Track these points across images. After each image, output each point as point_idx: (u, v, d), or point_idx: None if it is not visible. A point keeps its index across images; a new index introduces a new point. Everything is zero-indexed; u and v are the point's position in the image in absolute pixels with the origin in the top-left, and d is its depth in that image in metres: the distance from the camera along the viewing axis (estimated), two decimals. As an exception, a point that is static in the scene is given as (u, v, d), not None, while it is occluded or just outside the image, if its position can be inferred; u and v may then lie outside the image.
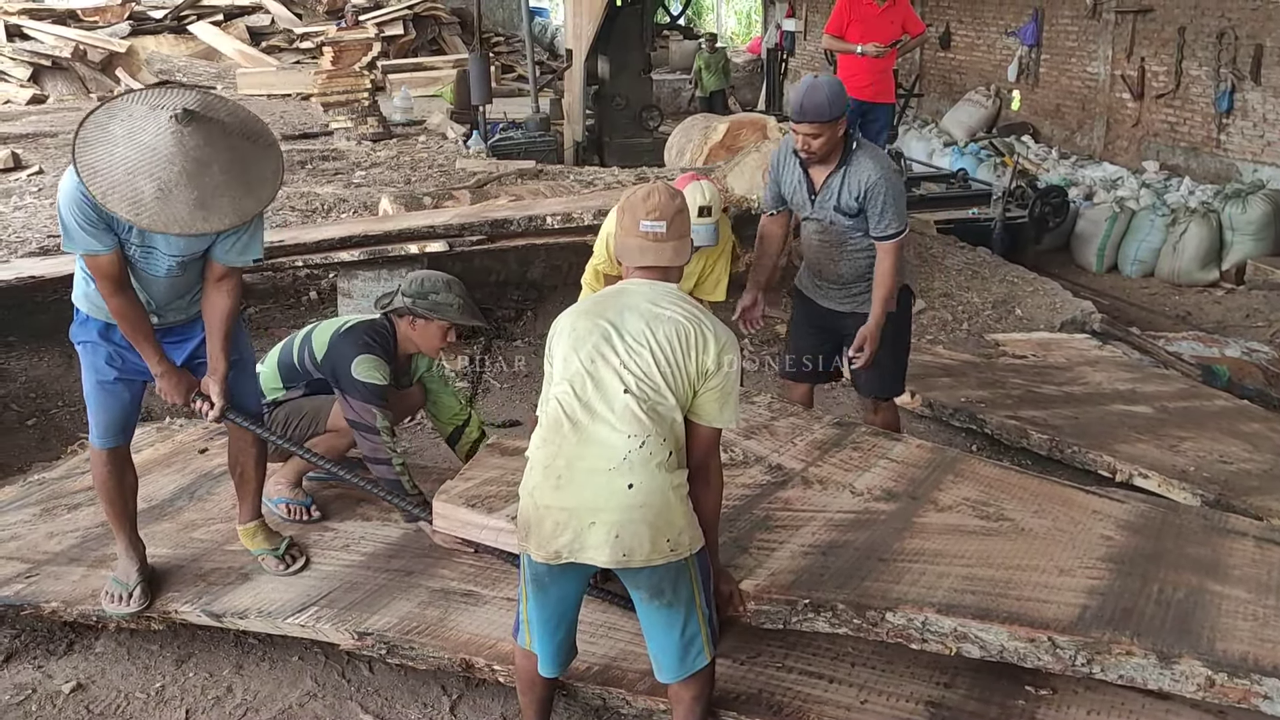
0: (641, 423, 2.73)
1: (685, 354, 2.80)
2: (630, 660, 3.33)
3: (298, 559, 3.87)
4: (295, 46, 16.74)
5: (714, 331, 2.85)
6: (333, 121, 11.28)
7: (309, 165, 9.83)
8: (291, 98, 13.69)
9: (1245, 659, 2.84)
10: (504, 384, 6.04)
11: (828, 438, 4.22)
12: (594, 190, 6.92)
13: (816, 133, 4.25)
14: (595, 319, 2.85)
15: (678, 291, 2.94)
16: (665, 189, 2.97)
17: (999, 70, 14.89)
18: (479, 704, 3.56)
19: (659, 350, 2.79)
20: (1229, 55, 10.88)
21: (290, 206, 8.24)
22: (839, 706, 3.12)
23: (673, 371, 2.79)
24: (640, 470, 2.71)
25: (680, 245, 2.93)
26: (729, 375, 2.86)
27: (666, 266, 2.94)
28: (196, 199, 3.03)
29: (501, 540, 3.47)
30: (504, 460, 3.86)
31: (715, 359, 2.82)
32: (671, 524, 2.76)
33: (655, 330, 2.81)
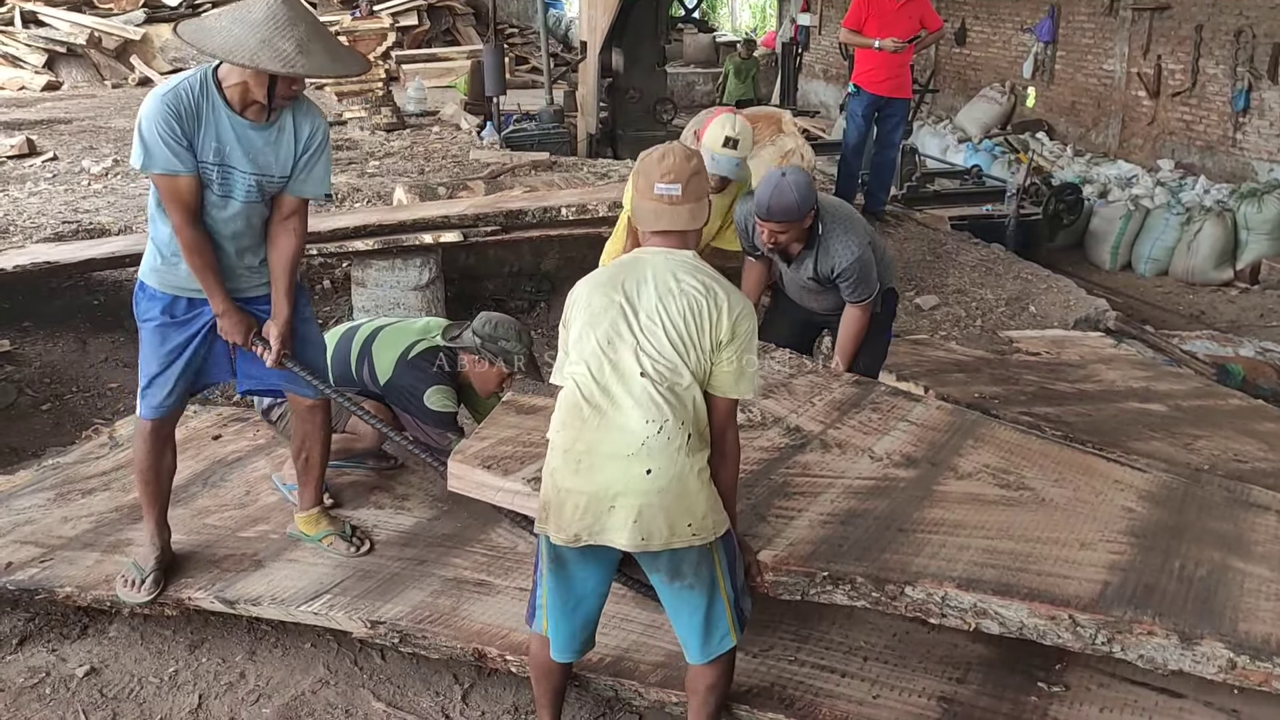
0: (659, 407, 2.71)
1: (699, 328, 2.77)
2: (642, 652, 3.33)
3: (365, 540, 3.91)
4: (309, 35, 16.70)
5: (728, 300, 2.80)
6: (346, 111, 11.30)
7: (322, 154, 9.84)
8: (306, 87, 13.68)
9: (1268, 641, 2.79)
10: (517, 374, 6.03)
11: (847, 397, 4.20)
12: (608, 182, 6.93)
13: (783, 230, 4.34)
14: (611, 294, 2.80)
15: (693, 260, 2.86)
16: (681, 149, 2.86)
17: (1014, 67, 14.83)
18: (491, 693, 3.56)
19: (673, 327, 2.76)
20: (1246, 54, 10.82)
21: (304, 196, 8.25)
22: (851, 701, 3.12)
23: (687, 348, 2.76)
24: (659, 455, 2.70)
25: (697, 208, 2.84)
26: (744, 344, 2.81)
27: (683, 231, 2.85)
28: (326, 49, 3.28)
29: (518, 503, 3.44)
30: (520, 419, 3.83)
31: (729, 329, 2.78)
32: (692, 509, 2.74)
33: (668, 306, 2.77)
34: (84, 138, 10.87)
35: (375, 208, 7.24)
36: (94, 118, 11.99)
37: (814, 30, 17.08)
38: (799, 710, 3.08)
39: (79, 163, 9.74)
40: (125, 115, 12.06)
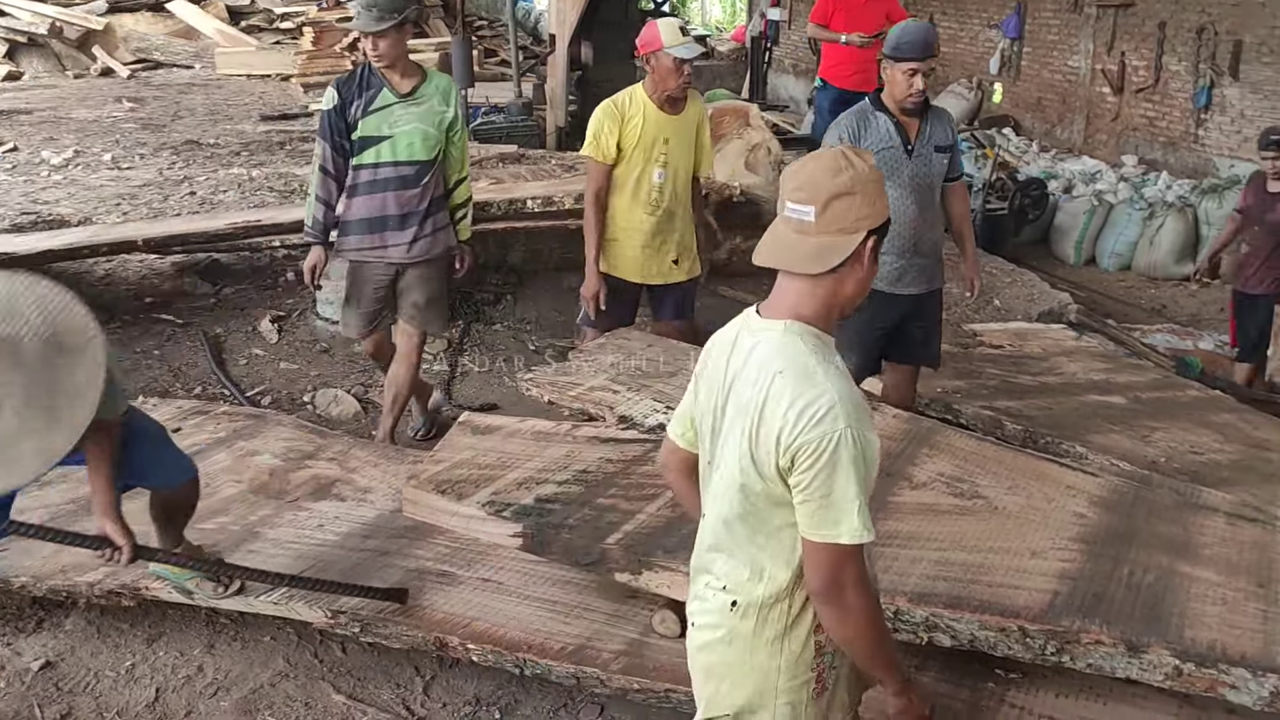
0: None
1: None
2: (604, 640, 3.34)
3: (234, 580, 3.56)
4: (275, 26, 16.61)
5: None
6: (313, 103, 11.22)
7: (288, 146, 9.79)
8: (271, 78, 13.60)
9: (1213, 647, 2.86)
10: (482, 368, 6.03)
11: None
12: (575, 174, 6.90)
13: (924, 67, 4.25)
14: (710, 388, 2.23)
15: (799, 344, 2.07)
16: (834, 156, 2.07)
17: (981, 63, 14.91)
18: (453, 685, 3.55)
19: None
20: (1208, 51, 10.91)
21: (269, 187, 8.21)
22: (811, 689, 3.13)
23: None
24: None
25: (831, 244, 2.03)
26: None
27: (798, 275, 2.07)
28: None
29: (473, 528, 3.46)
30: (475, 440, 3.85)
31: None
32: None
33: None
34: (44, 128, 10.76)
35: (340, 199, 7.18)
36: (55, 108, 11.85)
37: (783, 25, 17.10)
38: (758, 698, 3.09)
39: (39, 154, 9.63)
40: (87, 106, 11.95)
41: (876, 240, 2.07)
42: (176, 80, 13.39)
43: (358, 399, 5.55)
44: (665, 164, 4.84)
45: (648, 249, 4.93)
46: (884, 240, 2.11)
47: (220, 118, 11.24)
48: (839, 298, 2.09)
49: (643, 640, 3.34)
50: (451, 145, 4.80)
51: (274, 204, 7.55)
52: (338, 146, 4.64)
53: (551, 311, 6.55)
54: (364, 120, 4.61)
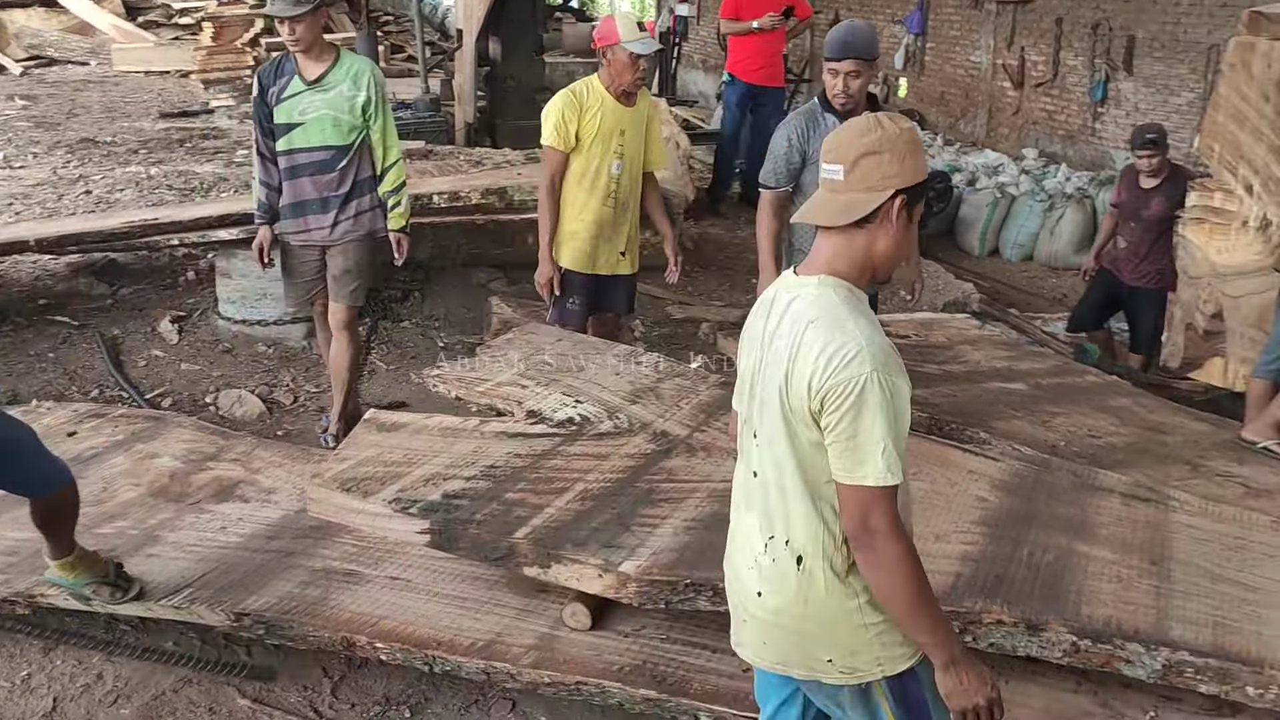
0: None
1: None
2: (515, 635, 3.32)
3: (133, 584, 3.50)
4: (174, 22, 16.20)
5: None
6: (214, 99, 10.99)
7: (188, 144, 9.58)
8: (170, 75, 13.28)
9: (1109, 623, 2.95)
10: (391, 365, 5.96)
11: (714, 399, 4.24)
12: (482, 170, 6.86)
13: (859, 71, 4.16)
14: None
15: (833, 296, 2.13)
16: (864, 120, 2.14)
17: (886, 58, 15.11)
18: (361, 685, 3.51)
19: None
20: (1103, 46, 11.20)
21: (168, 185, 8.02)
22: (721, 675, 3.16)
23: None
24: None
25: (859, 200, 2.11)
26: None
27: (831, 232, 2.16)
28: None
29: (380, 526, 3.42)
30: (381, 437, 3.81)
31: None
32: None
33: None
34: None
35: (242, 197, 7.05)
36: (-57, 106, 11.45)
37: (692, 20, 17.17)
38: (670, 686, 3.11)
39: (-74, 152, 9.30)
40: (-22, 103, 11.55)
41: (908, 202, 2.13)
42: (71, 77, 13.00)
43: (262, 399, 5.45)
44: (622, 155, 4.85)
45: (602, 240, 4.92)
46: (917, 205, 2.16)
47: (117, 115, 10.96)
48: (872, 256, 2.15)
49: (553, 634, 3.33)
50: (371, 130, 4.76)
51: (173, 202, 7.38)
52: (266, 131, 4.74)
53: (460, 308, 6.49)
54: (277, 108, 4.68)
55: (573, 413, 4.03)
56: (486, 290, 6.63)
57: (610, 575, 3.11)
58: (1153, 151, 5.92)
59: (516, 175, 6.52)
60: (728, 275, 7.63)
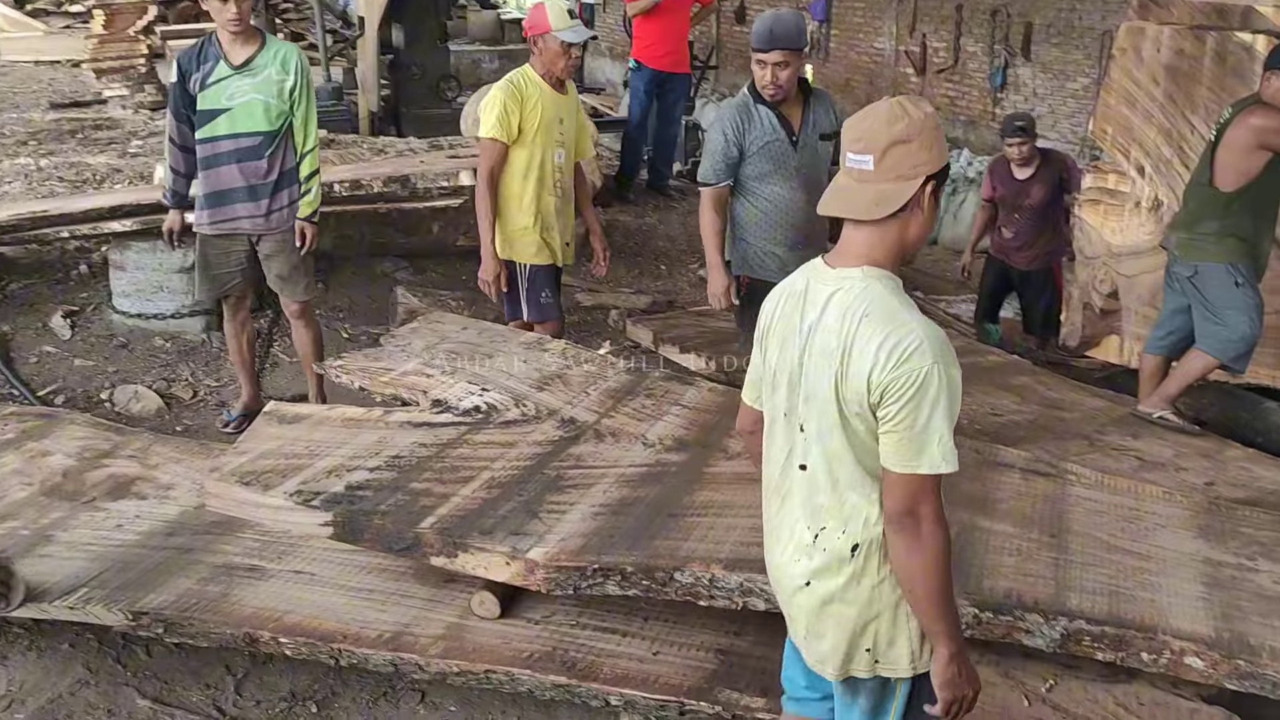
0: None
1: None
2: (423, 625, 3.29)
3: (13, 592, 3.35)
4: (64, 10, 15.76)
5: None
6: (106, 89, 10.68)
7: (80, 134, 9.31)
8: (61, 64, 12.89)
9: (1009, 595, 3.01)
10: (293, 358, 5.85)
11: (621, 385, 4.25)
12: (385, 158, 6.77)
13: (787, 61, 4.12)
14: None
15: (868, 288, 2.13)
16: (890, 106, 2.12)
17: (791, 45, 15.25)
18: (267, 681, 3.44)
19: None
20: (1002, 33, 11.40)
21: (59, 177, 7.79)
22: (632, 659, 3.16)
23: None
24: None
25: (890, 191, 2.09)
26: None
27: (859, 221, 2.14)
28: None
29: (282, 519, 3.35)
30: (282, 429, 3.74)
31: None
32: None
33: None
34: None
35: (135, 188, 6.87)
36: None
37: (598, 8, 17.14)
38: (580, 671, 3.11)
39: None
40: None
41: (936, 185, 2.12)
42: (-44, 67, 12.59)
43: (160, 394, 5.31)
44: (563, 144, 4.79)
45: (554, 230, 4.85)
46: (942, 186, 2.15)
47: (5, 105, 10.62)
48: (905, 243, 2.15)
49: (462, 623, 3.30)
50: (294, 115, 4.68)
51: (64, 194, 7.16)
52: (182, 118, 4.61)
53: (365, 298, 6.40)
54: (202, 94, 4.55)
55: (479, 401, 3.99)
56: (392, 280, 6.55)
57: (518, 562, 3.09)
58: (1023, 139, 6.01)
59: (420, 163, 6.44)
60: (636, 262, 7.63)
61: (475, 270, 6.89)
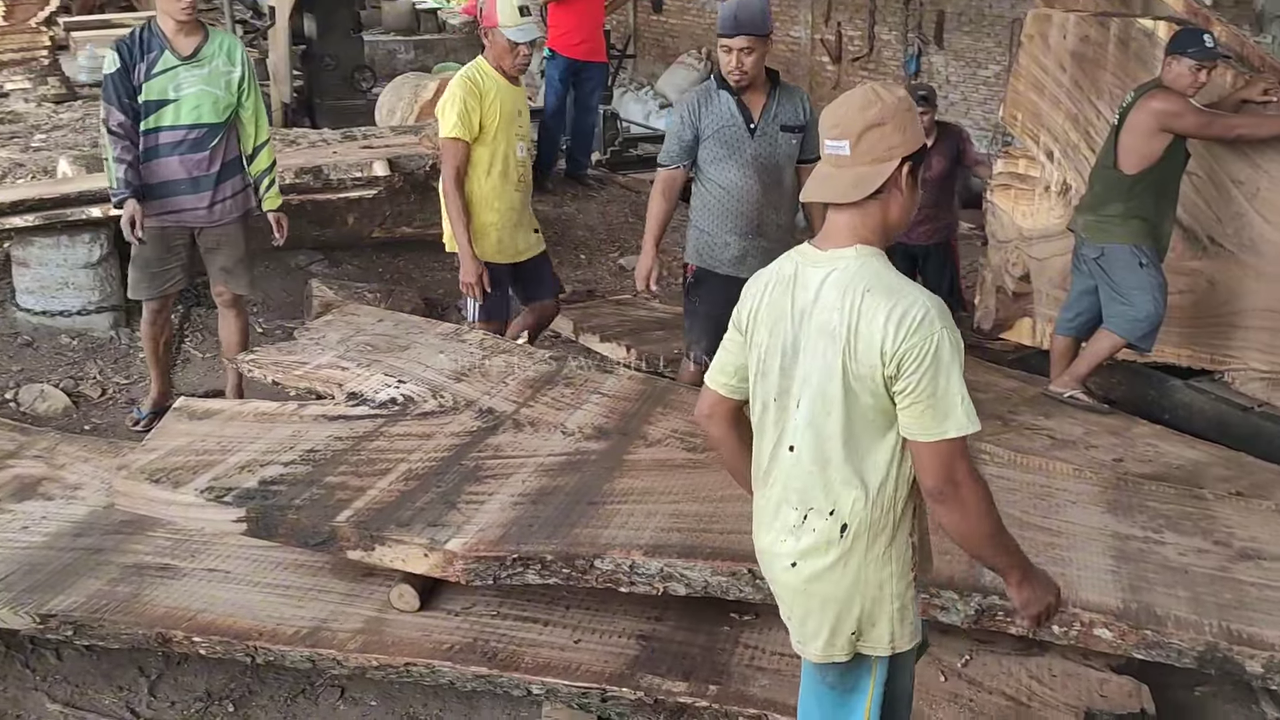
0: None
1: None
2: (340, 620, 3.26)
3: None
4: (-37, 1, 15.26)
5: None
6: (7, 82, 10.36)
7: (-22, 129, 9.01)
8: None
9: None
10: (207, 353, 5.74)
11: (540, 374, 4.23)
12: (297, 149, 6.66)
13: (752, 47, 4.07)
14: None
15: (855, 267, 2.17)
16: (865, 92, 2.18)
17: (709, 34, 15.27)
18: (182, 682, 3.38)
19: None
20: (915, 21, 11.56)
21: (-43, 172, 7.53)
22: (553, 648, 3.16)
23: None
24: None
25: (867, 174, 2.14)
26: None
27: (842, 205, 2.18)
28: None
29: (193, 517, 3.29)
30: (192, 425, 3.67)
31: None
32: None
33: None
34: None
35: (38, 183, 6.68)
36: None
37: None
38: (501, 662, 3.10)
39: None
40: None
41: (913, 166, 2.17)
42: None
43: (67, 393, 5.18)
44: (523, 137, 4.71)
45: (520, 226, 4.75)
46: (919, 167, 2.19)
47: (-99, 99, 10.26)
48: (888, 223, 2.19)
49: (380, 617, 3.27)
50: (243, 108, 4.60)
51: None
52: (125, 109, 4.45)
53: (280, 292, 6.30)
54: (147, 84, 4.42)
55: (395, 393, 3.96)
56: (306, 273, 6.45)
57: (436, 554, 3.08)
58: (925, 109, 6.08)
59: (332, 154, 6.35)
60: (555, 252, 7.53)
61: (391, 262, 6.93)
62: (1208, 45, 4.46)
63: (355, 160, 6.15)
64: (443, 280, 6.75)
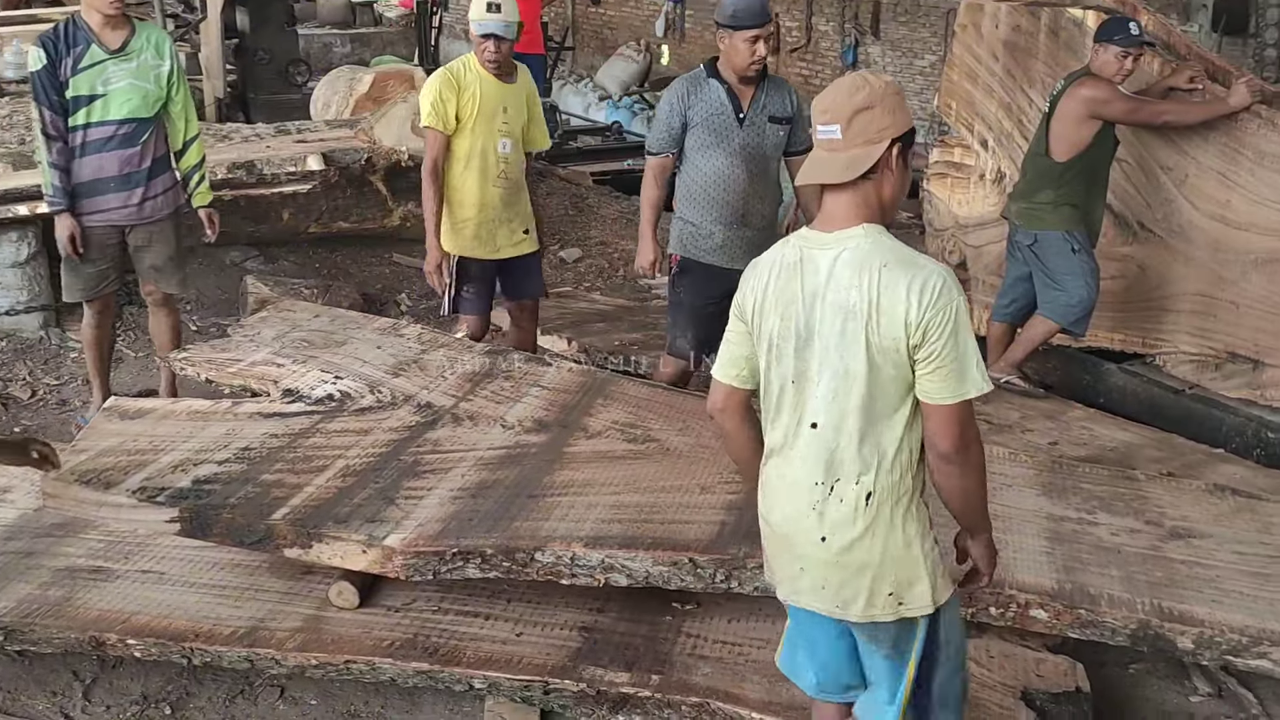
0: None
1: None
2: (278, 619, 3.23)
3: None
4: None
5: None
6: (-69, 78, 10.11)
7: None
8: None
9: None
10: (140, 353, 5.65)
11: (479, 368, 4.21)
12: (230, 144, 6.57)
13: (763, 34, 4.12)
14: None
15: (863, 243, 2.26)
16: (853, 79, 2.29)
17: (648, 25, 15.28)
18: (117, 685, 3.32)
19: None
20: (851, 12, 11.65)
21: (-121, 170, 7.34)
22: (495, 641, 3.15)
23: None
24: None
25: (859, 155, 2.22)
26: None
27: (839, 187, 2.26)
28: None
29: (125, 518, 3.24)
30: (123, 425, 3.60)
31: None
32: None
33: None
34: None
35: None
36: None
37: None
38: (443, 657, 3.09)
39: None
40: None
41: (903, 148, 2.27)
42: None
43: (-7, 395, 5.09)
44: (508, 133, 4.65)
45: (500, 223, 4.70)
46: (909, 149, 2.28)
47: None
48: (883, 203, 2.28)
49: (320, 615, 3.24)
50: (172, 102, 4.53)
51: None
52: (55, 107, 4.36)
53: (215, 289, 6.22)
54: (74, 79, 4.34)
55: (332, 389, 3.92)
56: (241, 270, 6.37)
57: (375, 550, 3.05)
58: None
59: (266, 149, 6.28)
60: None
61: (329, 257, 6.87)
62: (1133, 33, 4.53)
63: (289, 155, 6.09)
64: (381, 275, 6.71)
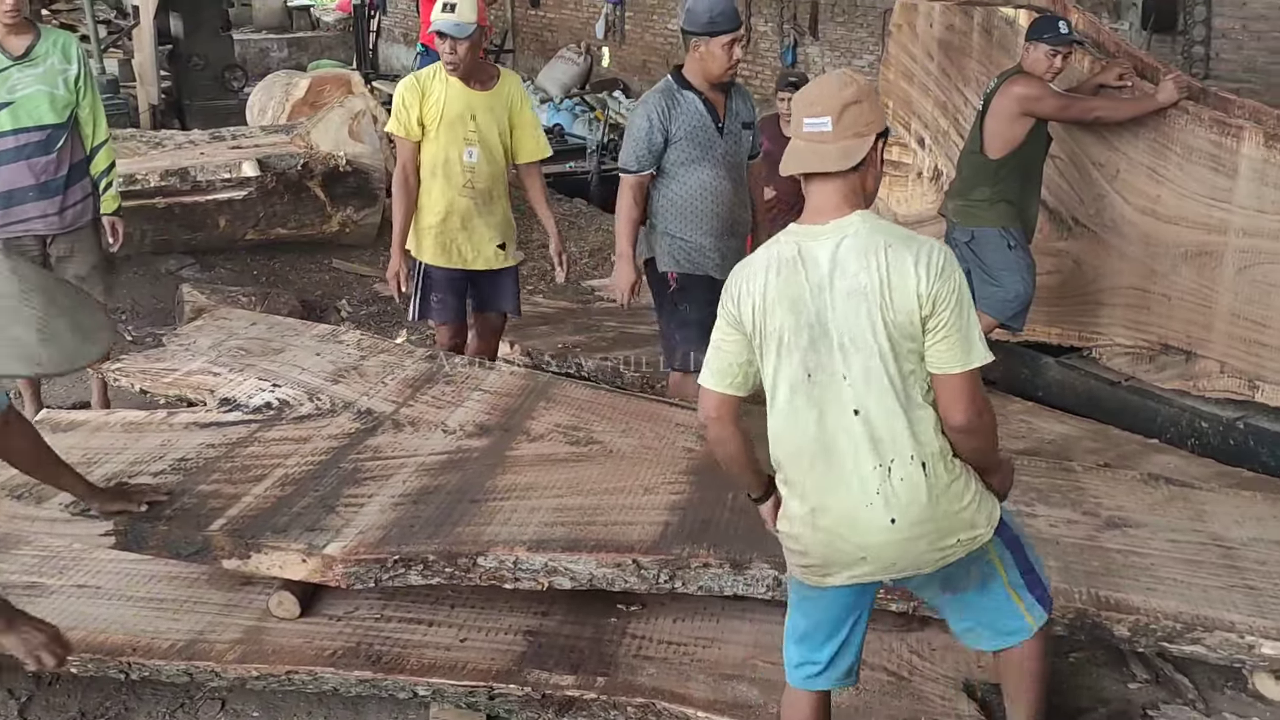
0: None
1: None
2: (218, 631, 3.19)
3: None
4: None
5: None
6: None
7: None
8: None
9: (807, 554, 3.08)
10: (74, 363, 5.54)
11: (420, 373, 4.20)
12: (163, 150, 6.49)
13: (739, 38, 4.09)
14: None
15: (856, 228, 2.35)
16: (836, 76, 2.43)
17: (588, 28, 15.27)
18: (54, 703, 3.26)
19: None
20: (790, 13, 11.69)
21: None
22: (438, 648, 3.13)
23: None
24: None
25: (852, 145, 2.33)
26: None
27: (831, 178, 2.35)
28: (72, 325, 2.36)
29: (59, 532, 3.18)
30: (56, 438, 3.53)
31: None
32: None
33: None
34: None
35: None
36: None
37: (391, -7, 16.82)
38: (386, 664, 3.06)
39: None
40: None
41: (883, 143, 2.40)
42: None
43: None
44: (476, 142, 4.51)
45: (468, 233, 4.59)
46: (885, 144, 2.43)
47: None
48: (867, 191, 2.40)
49: (260, 626, 3.20)
50: (80, 106, 4.45)
51: None
52: None
53: (150, 299, 6.13)
54: None
55: (270, 397, 3.88)
56: (177, 278, 6.28)
57: (315, 559, 3.03)
58: (794, 94, 6.14)
59: (200, 155, 6.20)
60: (438, 249, 7.52)
61: (267, 264, 6.80)
62: (1063, 31, 4.60)
63: (223, 161, 6.02)
64: (321, 281, 6.65)
